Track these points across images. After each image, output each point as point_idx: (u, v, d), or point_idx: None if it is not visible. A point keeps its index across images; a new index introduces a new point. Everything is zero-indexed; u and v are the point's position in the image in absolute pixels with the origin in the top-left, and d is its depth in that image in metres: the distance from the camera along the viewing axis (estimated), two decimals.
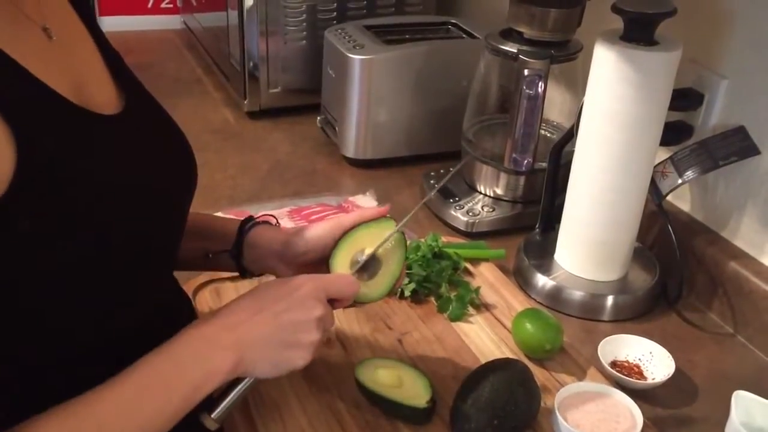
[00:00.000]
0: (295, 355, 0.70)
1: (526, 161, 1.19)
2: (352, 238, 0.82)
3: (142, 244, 0.66)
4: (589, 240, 1.08)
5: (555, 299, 1.09)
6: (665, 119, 1.04)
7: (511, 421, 0.79)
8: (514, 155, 1.18)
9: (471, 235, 1.24)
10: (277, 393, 0.85)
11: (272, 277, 0.86)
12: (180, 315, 0.82)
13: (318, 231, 0.84)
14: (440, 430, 0.82)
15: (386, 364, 0.86)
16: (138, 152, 0.70)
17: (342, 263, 0.80)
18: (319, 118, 1.52)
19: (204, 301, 1.00)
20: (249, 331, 0.69)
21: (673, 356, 0.95)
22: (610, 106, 0.99)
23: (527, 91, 1.14)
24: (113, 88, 0.73)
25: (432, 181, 1.33)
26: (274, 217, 0.92)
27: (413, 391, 0.83)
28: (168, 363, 0.65)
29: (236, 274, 0.92)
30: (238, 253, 0.86)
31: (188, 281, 1.01)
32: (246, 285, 1.02)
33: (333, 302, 0.75)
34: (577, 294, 1.08)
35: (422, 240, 1.11)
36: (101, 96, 0.70)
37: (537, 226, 1.21)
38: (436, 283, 1.04)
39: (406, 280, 1.04)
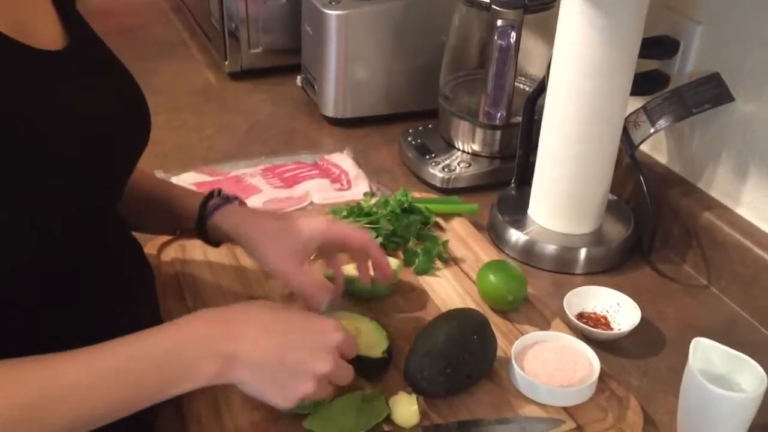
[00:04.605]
0: (278, 396, 0.66)
1: (499, 114, 1.17)
2: None
3: (82, 185, 0.65)
4: (561, 193, 1.06)
5: (528, 254, 1.08)
6: (640, 68, 1.02)
7: (464, 370, 0.78)
8: (487, 109, 1.16)
9: (447, 191, 1.22)
10: None
11: None
12: (130, 260, 0.82)
13: (273, 250, 0.79)
14: (396, 379, 0.81)
15: (344, 315, 0.86)
16: (81, 89, 0.68)
17: None
18: (299, 77, 1.51)
19: (168, 256, 1.00)
20: (248, 351, 0.64)
21: (643, 308, 0.94)
22: (578, 52, 0.96)
23: (499, 42, 1.12)
24: (58, 27, 0.71)
25: (410, 139, 1.32)
26: (239, 198, 0.89)
27: (370, 342, 0.82)
28: (150, 350, 0.62)
29: None
30: (202, 231, 0.85)
31: (153, 238, 1.01)
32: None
33: None
34: (550, 248, 1.07)
35: (392, 195, 1.10)
36: (44, 34, 0.68)
37: (512, 181, 1.19)
38: (403, 237, 1.03)
39: (374, 234, 1.02)
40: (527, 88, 1.31)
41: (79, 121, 0.66)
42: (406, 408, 0.76)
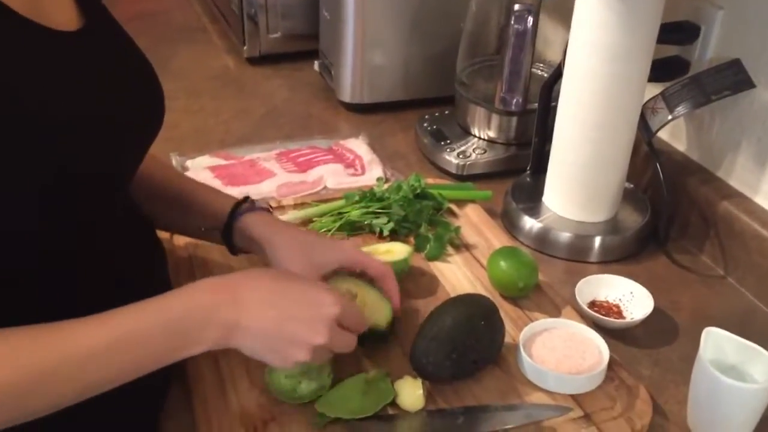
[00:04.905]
0: (276, 360, 0.69)
1: (515, 100, 1.16)
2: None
3: (94, 166, 0.66)
4: (576, 180, 1.05)
5: (542, 241, 1.07)
6: (660, 54, 1.00)
7: (471, 355, 0.78)
8: (502, 95, 1.15)
9: (462, 178, 1.21)
10: None
11: None
12: (138, 241, 0.82)
13: (294, 260, 0.80)
14: (401, 363, 0.81)
15: (349, 282, 0.84)
16: (94, 71, 0.68)
17: None
18: (316, 62, 1.50)
19: (182, 240, 1.00)
20: (250, 318, 0.67)
21: (658, 298, 0.93)
22: (595, 37, 0.95)
23: (516, 26, 1.11)
24: (73, 8, 0.71)
25: (425, 125, 1.31)
26: (270, 206, 0.90)
27: (374, 314, 0.80)
28: (157, 318, 0.64)
29: None
30: (228, 234, 0.86)
31: None
32: None
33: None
34: (564, 236, 1.05)
35: (405, 180, 1.09)
36: (59, 15, 0.68)
37: (528, 168, 1.18)
38: (415, 222, 1.03)
39: (385, 219, 1.02)
40: (545, 75, 1.29)
41: (91, 103, 0.67)
42: (411, 392, 0.75)
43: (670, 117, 1.01)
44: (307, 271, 0.79)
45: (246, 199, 0.88)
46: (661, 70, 1.04)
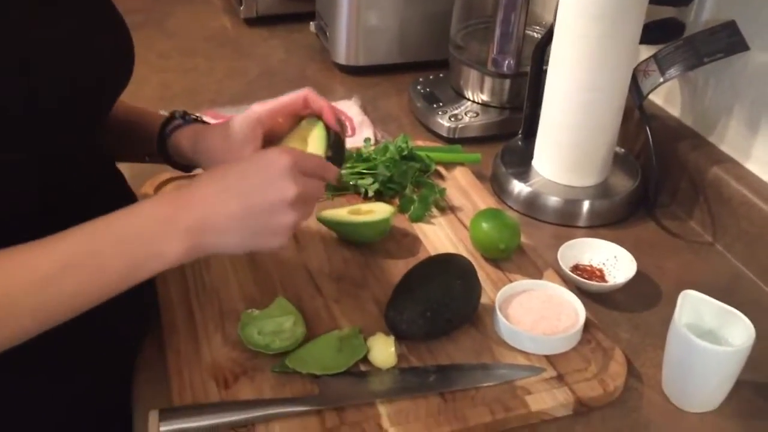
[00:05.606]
0: (267, 240, 0.65)
1: (507, 62, 1.14)
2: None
3: (56, 111, 0.64)
4: (566, 143, 1.03)
5: (531, 206, 1.06)
6: (656, 16, 0.98)
7: (445, 314, 0.77)
8: (494, 56, 1.13)
9: (453, 141, 1.20)
10: (219, 282, 0.86)
11: None
12: (111, 192, 0.81)
13: (221, 153, 0.76)
14: (375, 321, 0.81)
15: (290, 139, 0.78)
16: (52, 11, 0.66)
17: None
18: (312, 23, 1.49)
19: None
20: (211, 213, 0.62)
21: (644, 263, 0.92)
22: None
23: None
24: None
25: (419, 87, 1.29)
26: (200, 118, 0.86)
27: (314, 148, 0.76)
28: (108, 237, 0.60)
29: (198, 171, 0.89)
30: (164, 153, 0.83)
31: (152, 177, 1.01)
32: None
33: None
34: (553, 200, 1.04)
35: (392, 141, 1.08)
36: None
37: (520, 132, 1.16)
38: (400, 183, 1.02)
39: (370, 180, 1.02)
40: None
41: (50, 40, 0.64)
42: (383, 349, 0.75)
43: (661, 80, 0.99)
44: (239, 151, 0.75)
45: (174, 115, 0.83)
46: (655, 32, 1.01)
